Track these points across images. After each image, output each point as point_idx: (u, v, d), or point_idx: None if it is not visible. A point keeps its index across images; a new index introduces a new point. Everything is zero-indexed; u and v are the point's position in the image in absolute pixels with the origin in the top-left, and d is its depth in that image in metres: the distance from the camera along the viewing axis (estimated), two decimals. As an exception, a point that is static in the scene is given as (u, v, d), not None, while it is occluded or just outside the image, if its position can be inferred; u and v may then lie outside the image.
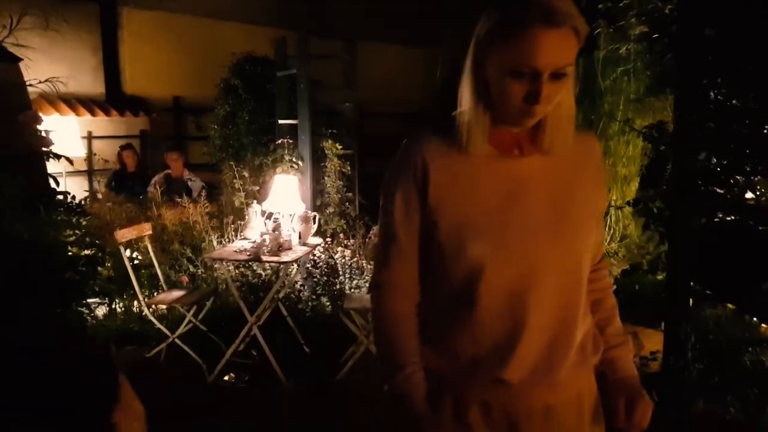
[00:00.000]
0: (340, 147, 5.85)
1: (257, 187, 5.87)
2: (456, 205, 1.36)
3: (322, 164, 5.93)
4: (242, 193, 5.85)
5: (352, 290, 5.17)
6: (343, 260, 5.28)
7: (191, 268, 5.40)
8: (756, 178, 2.99)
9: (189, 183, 7.11)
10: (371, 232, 5.58)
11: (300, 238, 4.86)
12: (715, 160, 2.96)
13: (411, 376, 1.40)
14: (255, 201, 5.36)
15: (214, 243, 5.41)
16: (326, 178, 5.90)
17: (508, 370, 1.36)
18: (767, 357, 2.88)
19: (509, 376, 1.36)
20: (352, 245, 5.47)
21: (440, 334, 1.42)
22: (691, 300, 3.06)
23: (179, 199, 5.85)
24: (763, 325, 2.99)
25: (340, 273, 5.25)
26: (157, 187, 6.57)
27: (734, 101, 2.88)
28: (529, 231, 1.35)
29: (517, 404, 1.39)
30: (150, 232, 4.95)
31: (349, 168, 6.03)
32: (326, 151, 5.85)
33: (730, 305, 3.08)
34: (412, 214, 1.41)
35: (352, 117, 6.58)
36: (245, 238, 4.95)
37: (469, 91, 1.35)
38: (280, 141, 5.89)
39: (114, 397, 1.17)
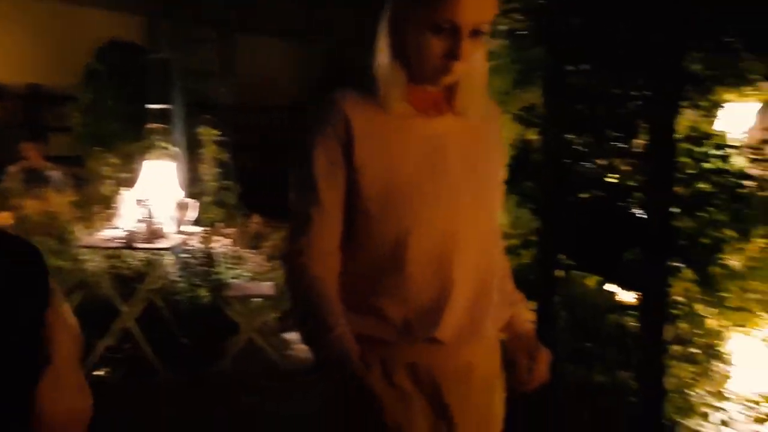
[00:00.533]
0: (216, 132, 5.72)
1: (129, 174, 5.62)
2: (381, 165, 1.33)
3: (198, 151, 5.78)
4: (111, 181, 5.57)
5: (232, 280, 5.08)
6: (221, 249, 5.18)
7: (57, 261, 5.08)
8: (615, 158, 3.26)
9: (49, 173, 6.67)
10: (251, 221, 5.51)
11: (175, 225, 4.72)
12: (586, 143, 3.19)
13: (342, 337, 1.30)
14: (126, 189, 5.12)
15: (83, 233, 5.12)
16: (202, 165, 5.75)
17: (439, 329, 1.36)
18: (626, 321, 3.14)
19: (441, 334, 1.36)
20: (231, 235, 5.37)
21: (367, 300, 1.37)
22: (560, 273, 3.28)
23: (40, 189, 5.48)
24: (623, 291, 3.26)
25: (219, 263, 5.13)
26: (13, 178, 6.12)
27: (599, 86, 3.12)
28: (452, 192, 1.36)
29: (443, 364, 1.39)
30: (11, 221, 4.60)
31: (226, 156, 5.91)
32: (201, 137, 5.70)
33: (595, 276, 3.33)
34: (336, 173, 1.34)
35: (228, 105, 6.45)
36: (116, 227, 4.73)
37: (385, 48, 1.33)
38: (151, 126, 5.68)
39: (46, 299, 1.05)
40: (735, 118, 5.41)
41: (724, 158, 3.04)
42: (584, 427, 3.10)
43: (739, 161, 3.12)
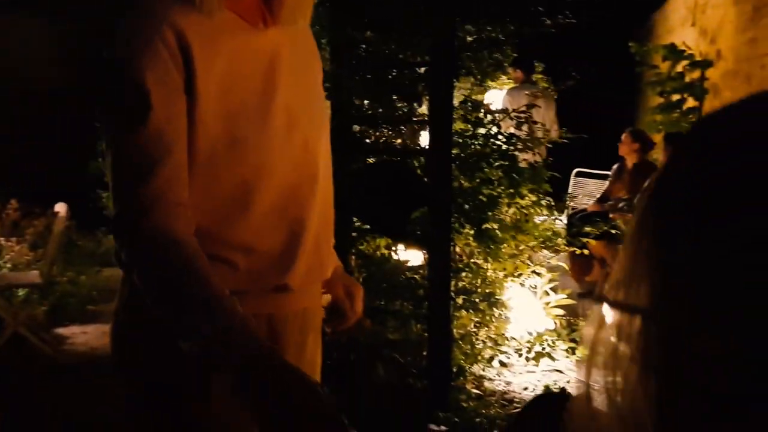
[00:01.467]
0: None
1: None
2: (221, 90, 1.13)
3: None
4: None
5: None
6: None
7: None
8: (400, 126, 3.42)
9: None
10: (8, 207, 4.92)
11: None
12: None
13: (236, 308, 1.03)
14: None
15: None
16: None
17: (291, 275, 1.23)
18: (419, 277, 3.31)
19: (292, 281, 1.24)
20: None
21: (211, 249, 1.14)
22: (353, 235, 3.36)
23: None
24: (411, 248, 3.42)
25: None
26: None
27: (384, 53, 3.24)
28: (295, 118, 1.22)
29: (284, 311, 1.28)
30: None
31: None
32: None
33: (385, 238, 3.46)
34: (176, 101, 1.08)
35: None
36: None
37: None
38: None
39: None
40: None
41: (495, 122, 3.31)
42: (380, 381, 3.21)
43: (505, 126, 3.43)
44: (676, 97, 6.60)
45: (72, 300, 4.88)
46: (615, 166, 6.08)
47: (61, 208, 4.23)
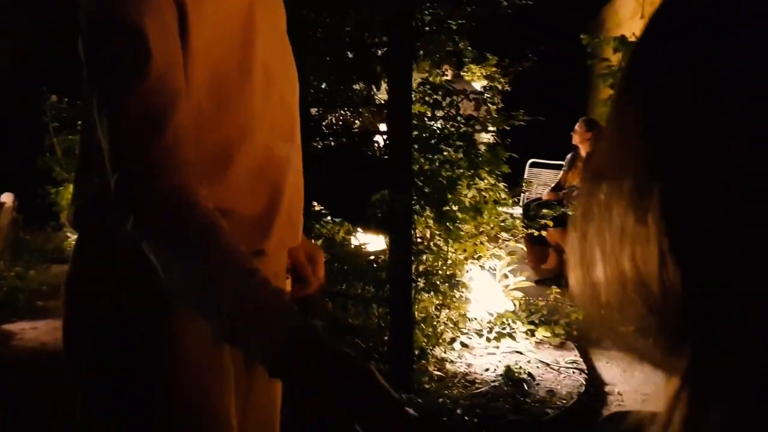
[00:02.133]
0: None
1: None
2: (208, 39, 1.05)
3: None
4: None
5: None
6: None
7: None
8: (358, 109, 3.40)
9: None
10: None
11: None
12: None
13: (267, 283, 0.92)
14: None
15: None
16: None
17: (268, 240, 1.18)
18: (380, 260, 3.29)
19: (269, 246, 1.18)
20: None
21: None
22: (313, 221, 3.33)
23: None
24: (372, 232, 3.41)
25: None
26: None
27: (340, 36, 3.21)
28: (272, 75, 1.17)
29: None
30: None
31: None
32: None
33: (345, 222, 3.44)
34: (173, 47, 0.99)
35: None
36: None
37: None
38: None
39: None
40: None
41: (453, 104, 3.32)
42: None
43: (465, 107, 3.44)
44: (627, 88, 6.74)
45: (21, 296, 4.72)
46: (569, 156, 6.17)
47: (7, 198, 4.09)
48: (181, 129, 0.96)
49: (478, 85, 6.25)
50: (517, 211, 6.37)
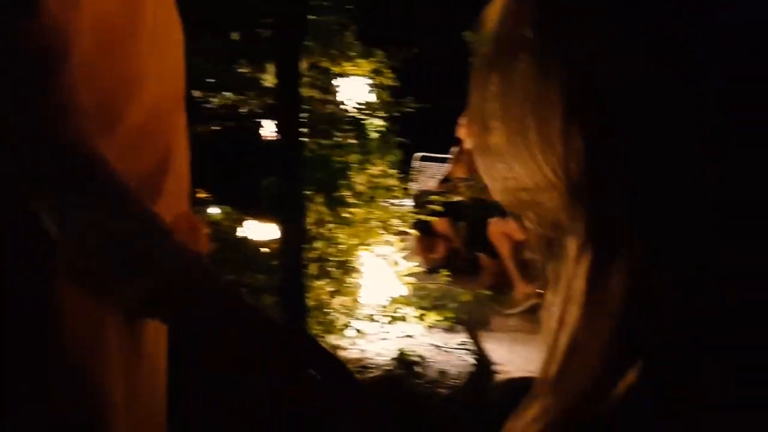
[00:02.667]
0: None
1: None
2: None
3: None
4: None
5: None
6: None
7: None
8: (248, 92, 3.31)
9: None
10: None
11: None
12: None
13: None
14: None
15: None
16: None
17: (158, 200, 1.04)
18: (271, 248, 3.22)
19: (158, 207, 1.06)
20: None
21: None
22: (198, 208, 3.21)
23: None
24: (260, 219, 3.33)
25: None
26: None
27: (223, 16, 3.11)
28: (161, 26, 1.06)
29: None
30: None
31: None
32: None
33: (229, 208, 3.34)
34: None
35: None
36: None
37: None
38: None
39: None
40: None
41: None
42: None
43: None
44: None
45: None
46: (455, 149, 6.32)
47: None
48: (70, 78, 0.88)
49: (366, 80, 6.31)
50: (408, 202, 6.47)
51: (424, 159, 7.25)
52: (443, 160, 7.01)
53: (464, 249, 5.35)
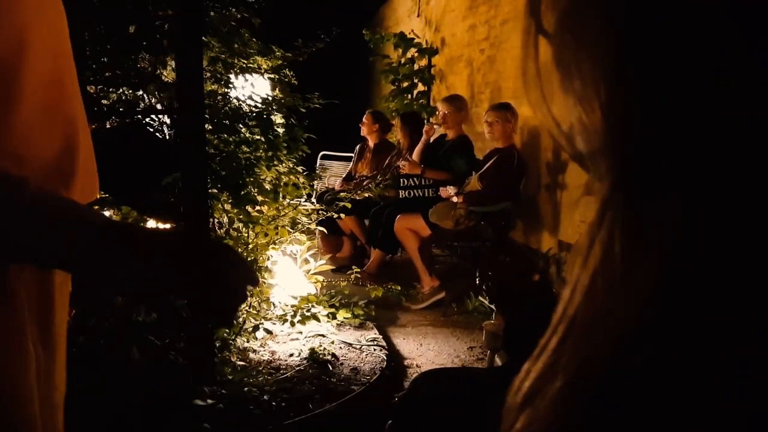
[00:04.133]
0: None
1: None
2: None
3: None
4: None
5: None
6: None
7: None
8: (143, 86, 3.15)
9: None
10: None
11: None
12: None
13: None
14: None
15: None
16: None
17: (71, 188, 0.95)
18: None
19: (72, 193, 0.96)
20: None
21: None
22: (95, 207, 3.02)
23: None
24: (160, 220, 3.19)
25: None
26: None
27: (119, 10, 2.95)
28: None
29: None
30: None
31: None
32: None
33: (128, 207, 3.17)
34: None
35: None
36: None
37: None
38: None
39: None
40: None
41: (247, 82, 3.21)
42: (141, 362, 2.94)
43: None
44: (406, 83, 7.08)
45: None
46: (357, 147, 6.32)
47: None
48: None
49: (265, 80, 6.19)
50: (311, 201, 6.40)
51: (324, 158, 7.20)
52: (345, 159, 7.00)
53: (368, 245, 5.35)
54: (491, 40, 5.66)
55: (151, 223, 3.23)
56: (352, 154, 6.64)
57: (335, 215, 4.12)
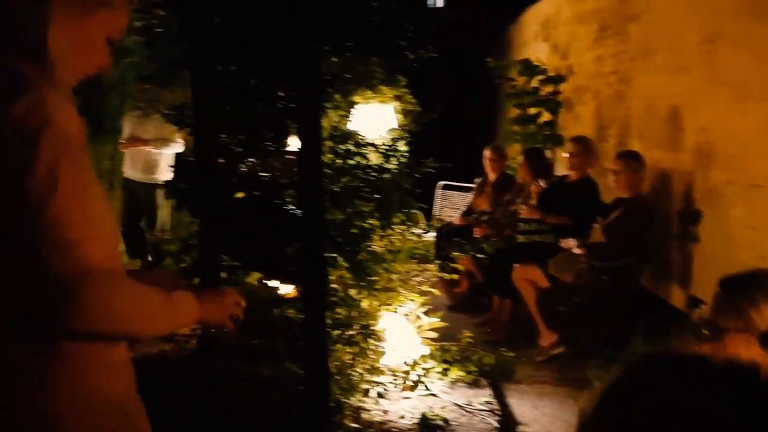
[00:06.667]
0: None
1: None
2: None
3: None
4: None
5: None
6: None
7: None
8: (268, 158, 3.33)
9: None
10: None
11: None
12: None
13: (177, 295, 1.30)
14: None
15: None
16: None
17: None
18: (292, 313, 3.25)
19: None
20: None
21: None
22: (223, 274, 3.24)
23: None
24: (286, 284, 3.36)
25: None
26: None
27: (248, 87, 3.14)
28: None
29: None
30: None
31: None
32: None
33: (257, 274, 3.37)
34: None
35: None
36: None
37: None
38: None
39: None
40: (369, 118, 5.96)
41: (363, 155, 3.31)
42: (259, 421, 3.11)
43: (374, 157, 3.44)
44: (532, 111, 6.94)
45: None
46: (478, 180, 6.30)
47: None
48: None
49: (390, 107, 6.29)
50: (431, 235, 6.48)
51: (446, 188, 7.23)
52: (465, 189, 7.00)
53: (486, 289, 5.32)
54: (620, 74, 5.44)
55: (274, 287, 3.42)
56: (473, 185, 6.62)
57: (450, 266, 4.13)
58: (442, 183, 7.21)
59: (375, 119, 5.96)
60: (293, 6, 2.96)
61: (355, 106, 4.25)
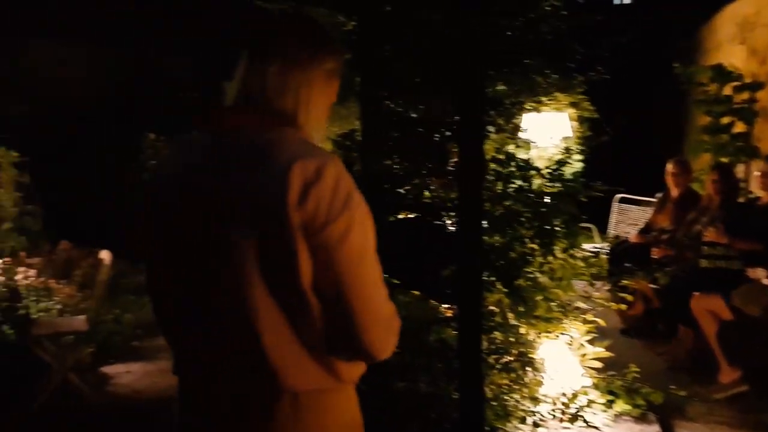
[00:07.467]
0: (15, 154, 5.20)
1: None
2: None
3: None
4: None
5: (40, 314, 4.65)
6: (26, 281, 4.72)
7: None
8: (430, 180, 3.40)
9: None
10: (59, 247, 5.07)
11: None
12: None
13: None
14: None
15: None
16: (-1, 190, 5.21)
17: None
18: (447, 334, 3.29)
19: None
20: (36, 264, 4.91)
21: None
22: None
23: None
24: (443, 306, 3.41)
25: (24, 296, 4.68)
26: None
27: (411, 113, 3.24)
28: None
29: None
30: None
31: (28, 178, 5.39)
32: (-5, 161, 5.16)
33: (416, 292, 3.45)
34: None
35: (23, 121, 5.89)
36: None
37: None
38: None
39: None
40: (543, 128, 5.82)
41: (526, 178, 3.27)
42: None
43: (537, 181, 3.37)
44: (725, 120, 6.39)
45: (117, 338, 5.00)
46: (659, 195, 5.91)
47: (105, 255, 4.35)
48: None
49: (564, 115, 6.08)
50: (605, 247, 6.19)
51: (623, 201, 6.86)
52: (645, 203, 6.60)
53: (662, 315, 5.00)
54: (828, 82, 4.86)
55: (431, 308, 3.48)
56: (653, 199, 6.23)
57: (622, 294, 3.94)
58: (619, 196, 6.85)
59: (548, 127, 5.81)
60: (462, 32, 3.00)
61: (524, 115, 4.17)
